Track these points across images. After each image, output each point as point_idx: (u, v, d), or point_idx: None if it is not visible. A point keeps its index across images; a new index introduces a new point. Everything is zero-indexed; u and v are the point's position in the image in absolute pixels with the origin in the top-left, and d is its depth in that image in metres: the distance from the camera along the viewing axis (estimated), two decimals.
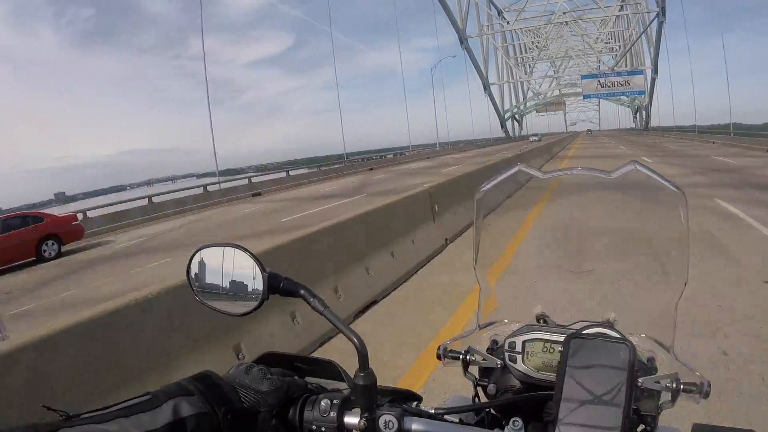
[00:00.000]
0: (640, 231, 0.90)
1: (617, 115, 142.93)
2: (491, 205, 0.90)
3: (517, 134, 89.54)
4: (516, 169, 0.83)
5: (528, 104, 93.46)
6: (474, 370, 0.83)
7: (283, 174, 24.54)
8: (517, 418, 0.71)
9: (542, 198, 8.26)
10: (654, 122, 77.03)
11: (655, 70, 63.04)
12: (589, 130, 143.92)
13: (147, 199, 18.00)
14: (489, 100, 73.97)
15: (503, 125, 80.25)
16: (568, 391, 0.63)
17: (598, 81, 52.46)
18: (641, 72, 60.98)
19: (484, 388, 0.81)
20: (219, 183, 18.36)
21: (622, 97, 70.85)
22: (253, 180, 21.21)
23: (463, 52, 63.95)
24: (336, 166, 31.47)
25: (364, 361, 0.67)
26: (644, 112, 79.02)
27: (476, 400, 0.82)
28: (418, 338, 3.64)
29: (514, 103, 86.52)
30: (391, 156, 42.18)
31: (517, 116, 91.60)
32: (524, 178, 0.84)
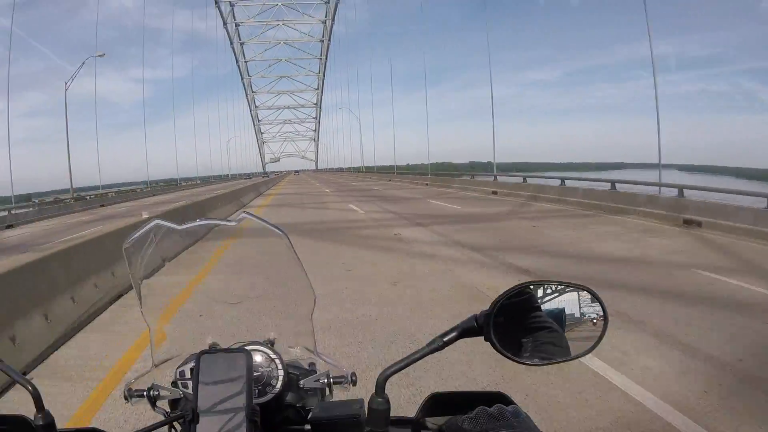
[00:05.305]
0: (277, 264, 1.05)
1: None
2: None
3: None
4: (153, 223, 0.89)
5: None
6: (165, 404, 0.88)
7: None
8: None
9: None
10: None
11: None
12: (296, 171, 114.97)
13: None
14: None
15: None
16: (203, 396, 0.75)
17: None
18: None
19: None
20: None
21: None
22: None
23: None
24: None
25: (40, 404, 0.73)
26: None
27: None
28: None
29: None
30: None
31: None
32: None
